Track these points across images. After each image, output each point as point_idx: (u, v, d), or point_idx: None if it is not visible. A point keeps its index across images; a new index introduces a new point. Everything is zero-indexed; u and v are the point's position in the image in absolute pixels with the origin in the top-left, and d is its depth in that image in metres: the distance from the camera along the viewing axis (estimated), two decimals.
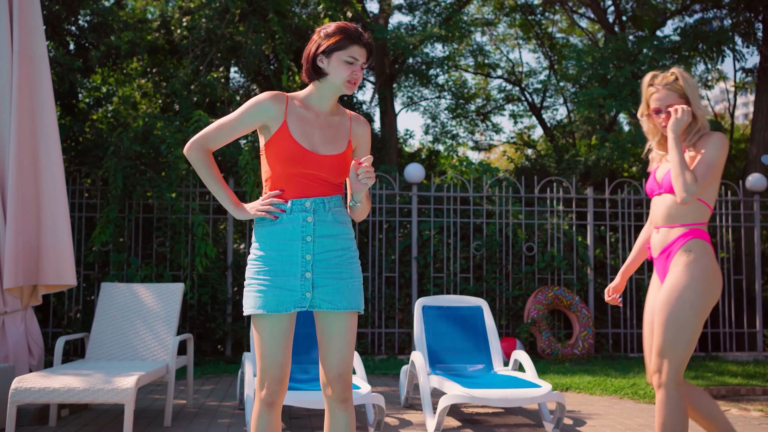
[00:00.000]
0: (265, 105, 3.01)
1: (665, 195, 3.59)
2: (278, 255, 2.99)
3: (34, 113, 6.04)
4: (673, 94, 3.57)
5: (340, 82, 3.01)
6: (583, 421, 5.78)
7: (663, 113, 3.58)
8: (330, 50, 2.99)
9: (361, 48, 3.01)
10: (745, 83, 16.39)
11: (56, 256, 5.94)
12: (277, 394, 2.96)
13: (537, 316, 9.77)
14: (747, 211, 10.97)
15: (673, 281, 3.48)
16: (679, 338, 3.42)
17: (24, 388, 4.69)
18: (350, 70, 3.00)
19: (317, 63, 3.02)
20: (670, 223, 3.56)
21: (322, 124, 3.07)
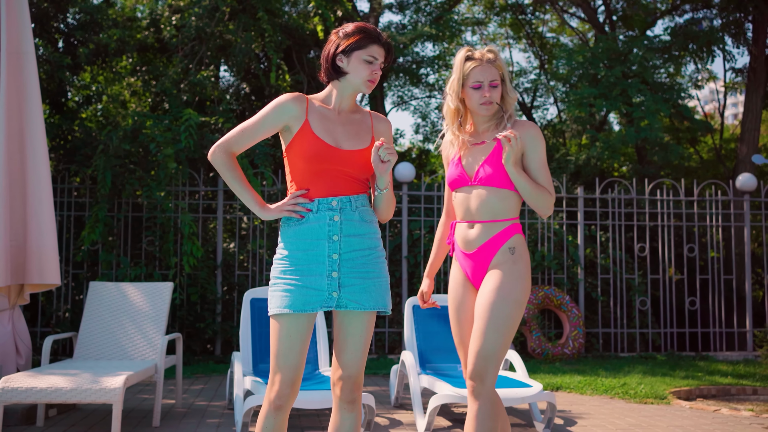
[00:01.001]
0: (287, 105, 3.03)
1: (481, 188, 3.33)
2: (305, 255, 2.99)
3: (22, 111, 5.99)
4: (494, 71, 3.34)
5: (360, 81, 3.04)
6: (573, 421, 5.77)
7: (484, 89, 3.32)
8: (350, 50, 3.02)
9: (380, 47, 3.05)
10: (734, 83, 16.42)
11: (40, 255, 5.89)
12: (287, 398, 2.94)
13: (527, 315, 9.76)
14: (737, 211, 10.98)
15: (500, 280, 3.24)
16: (505, 341, 3.19)
17: (11, 388, 4.65)
18: (370, 70, 3.03)
19: (337, 62, 3.06)
20: (491, 218, 3.31)
21: (344, 121, 3.10)
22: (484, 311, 3.20)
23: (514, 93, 3.40)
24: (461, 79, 3.35)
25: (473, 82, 3.32)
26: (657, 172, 13.96)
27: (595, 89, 12.48)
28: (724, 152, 16.54)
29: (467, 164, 3.39)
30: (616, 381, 7.63)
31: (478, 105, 3.34)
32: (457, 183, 3.40)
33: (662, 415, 6.06)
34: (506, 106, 3.40)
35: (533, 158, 3.33)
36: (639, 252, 10.85)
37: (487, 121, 3.42)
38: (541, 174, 3.33)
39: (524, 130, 3.33)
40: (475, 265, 3.35)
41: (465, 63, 3.35)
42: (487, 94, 3.32)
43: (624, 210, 10.69)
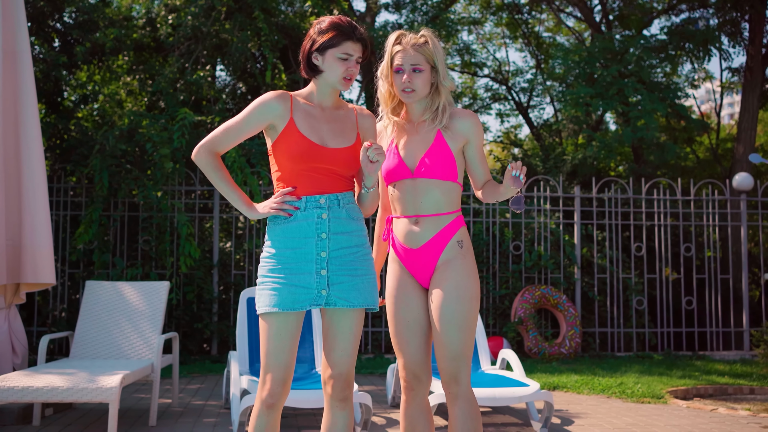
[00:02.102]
0: (271, 104, 3.00)
1: (424, 181, 3.19)
2: (293, 253, 2.97)
3: (17, 110, 5.98)
4: (419, 56, 3.17)
5: (336, 79, 2.99)
6: (570, 420, 5.77)
7: (405, 73, 3.16)
8: (323, 47, 2.97)
9: (355, 43, 2.98)
10: (731, 83, 16.44)
11: (34, 255, 5.88)
12: (279, 396, 2.92)
13: (524, 315, 9.76)
14: (734, 211, 10.99)
15: (455, 278, 3.15)
16: (470, 338, 3.14)
17: (7, 388, 4.63)
18: (344, 67, 2.97)
19: (312, 60, 3.01)
20: (436, 212, 3.19)
21: (329, 118, 3.06)
22: (445, 312, 3.12)
23: (450, 82, 3.24)
24: (389, 62, 3.21)
25: (395, 66, 3.19)
26: (653, 171, 13.98)
27: (591, 89, 12.48)
28: (720, 152, 16.55)
29: (406, 155, 3.22)
30: (613, 380, 7.62)
31: (399, 91, 3.20)
32: (396, 175, 3.23)
33: (659, 415, 6.05)
34: (441, 95, 3.23)
35: (475, 148, 3.25)
36: (636, 251, 10.85)
37: (422, 111, 3.25)
38: (483, 164, 3.27)
39: (465, 119, 3.23)
40: (421, 261, 3.22)
41: (393, 47, 3.21)
42: (407, 81, 3.16)
43: (621, 209, 10.70)
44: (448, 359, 3.12)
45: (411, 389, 3.23)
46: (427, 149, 3.18)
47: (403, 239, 3.24)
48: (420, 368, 3.21)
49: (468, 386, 3.13)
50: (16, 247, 5.91)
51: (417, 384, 3.22)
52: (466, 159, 3.27)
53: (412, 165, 3.19)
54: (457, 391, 3.12)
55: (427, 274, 3.23)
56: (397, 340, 3.25)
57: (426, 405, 3.27)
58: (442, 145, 3.18)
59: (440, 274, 3.18)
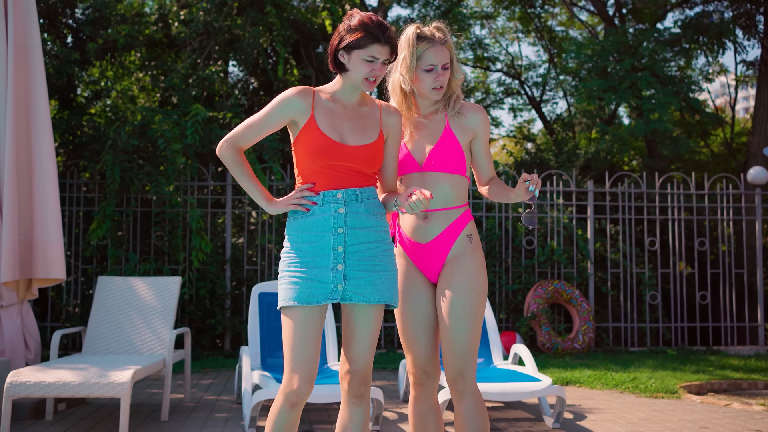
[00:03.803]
0: (292, 101, 2.99)
1: (433, 175, 3.16)
2: (310, 247, 2.97)
3: (29, 105, 5.99)
4: (447, 53, 3.15)
5: (359, 79, 2.96)
6: (583, 416, 5.74)
7: (437, 72, 3.13)
8: (350, 47, 2.93)
9: (382, 46, 2.92)
10: (746, 76, 16.33)
11: (45, 250, 5.89)
12: (304, 394, 2.90)
13: (537, 310, 9.72)
14: (748, 205, 10.91)
15: (465, 272, 3.12)
16: (477, 334, 3.11)
17: (19, 382, 4.65)
18: (369, 68, 2.94)
19: (339, 58, 2.99)
20: (444, 205, 3.15)
21: (351, 114, 3.04)
22: (455, 308, 3.09)
23: (461, 73, 3.23)
24: (414, 60, 3.13)
25: (427, 65, 3.13)
26: (667, 166, 13.89)
27: (604, 81, 12.42)
28: (735, 146, 16.44)
29: (414, 149, 3.21)
30: (626, 375, 7.59)
31: (429, 90, 3.16)
32: (404, 169, 3.20)
33: (673, 410, 6.02)
34: (453, 87, 3.22)
35: (482, 142, 3.23)
36: (649, 246, 10.79)
37: (434, 104, 3.25)
38: (488, 159, 3.25)
39: (474, 113, 3.21)
40: (430, 256, 3.19)
41: (419, 44, 3.14)
42: (440, 78, 3.15)
43: (634, 204, 10.63)
44: (455, 355, 3.09)
45: (421, 385, 3.20)
46: (436, 142, 3.16)
47: (412, 234, 3.21)
48: (429, 364, 3.19)
49: (474, 382, 3.11)
50: (28, 243, 5.93)
51: (426, 380, 3.19)
52: (472, 153, 3.24)
53: (421, 158, 3.17)
54: (464, 387, 3.09)
55: (436, 269, 3.20)
56: (405, 336, 3.22)
57: (435, 401, 3.24)
58: (450, 138, 3.16)
59: (450, 269, 3.14)
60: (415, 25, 3.18)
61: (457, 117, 3.19)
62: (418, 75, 3.14)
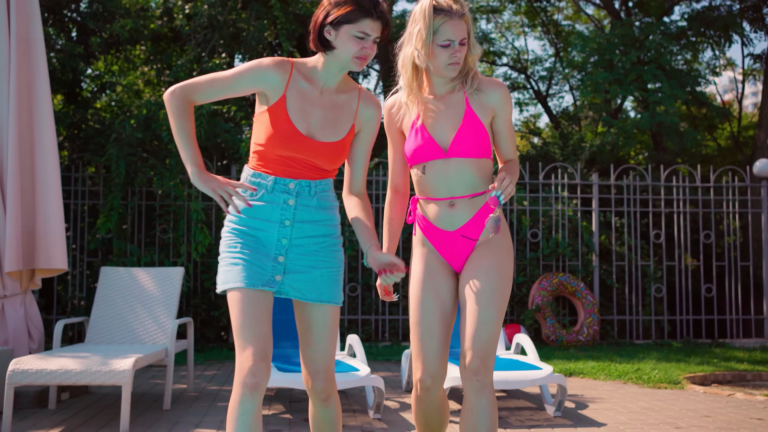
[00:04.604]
0: (268, 72, 2.75)
1: (458, 161, 2.94)
2: (253, 232, 2.78)
3: (31, 97, 6.02)
4: (465, 27, 2.89)
5: (348, 58, 2.72)
6: (585, 405, 5.74)
7: (454, 48, 2.87)
8: (338, 22, 2.68)
9: (374, 21, 2.69)
10: (753, 70, 16.27)
11: (47, 241, 5.92)
12: (263, 374, 2.59)
13: (541, 302, 9.71)
14: (754, 197, 10.87)
15: (496, 255, 2.95)
16: (501, 323, 2.90)
17: (21, 370, 4.67)
18: (360, 46, 2.70)
19: (324, 34, 2.74)
20: (472, 191, 2.94)
21: (325, 103, 2.81)
22: (485, 290, 2.88)
23: (478, 48, 2.97)
24: (431, 34, 2.86)
25: (443, 41, 2.86)
26: (673, 159, 13.86)
27: (609, 74, 12.40)
28: (742, 139, 16.38)
29: (436, 133, 2.96)
30: (629, 366, 7.58)
31: (445, 66, 2.90)
32: (425, 155, 2.96)
33: (675, 399, 6.01)
34: (470, 63, 2.98)
35: (503, 121, 3.01)
36: (654, 239, 10.77)
37: (449, 81, 2.99)
38: (510, 140, 3.03)
39: (494, 90, 2.97)
40: (458, 244, 2.99)
41: (435, 17, 2.86)
42: (457, 54, 2.88)
43: (639, 196, 10.60)
44: (481, 340, 2.84)
45: (426, 390, 2.94)
46: (459, 126, 2.93)
47: (436, 221, 3.00)
48: (440, 367, 2.94)
49: (492, 374, 2.89)
50: (30, 234, 5.95)
51: (433, 384, 2.94)
52: (494, 132, 3.03)
53: (445, 144, 2.94)
54: (485, 379, 2.83)
55: (462, 257, 3.01)
56: (418, 330, 2.97)
57: (442, 395, 3.01)
58: (473, 119, 2.94)
59: (478, 254, 2.96)
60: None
61: (477, 95, 2.96)
62: (433, 50, 2.87)
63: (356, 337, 5.72)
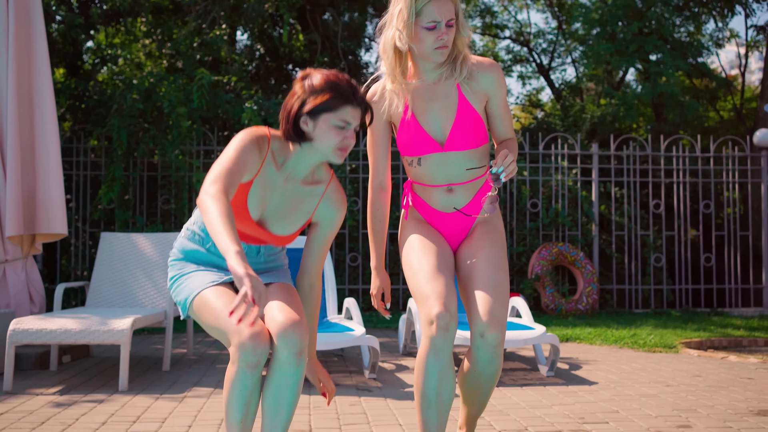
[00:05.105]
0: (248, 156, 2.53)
1: (457, 153, 2.81)
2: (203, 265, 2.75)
3: (30, 65, 6.06)
4: (452, 7, 2.70)
5: (329, 150, 2.55)
6: (579, 366, 5.81)
7: (440, 29, 2.69)
8: (316, 111, 2.51)
9: (355, 109, 2.53)
10: (756, 41, 16.21)
11: (47, 207, 5.99)
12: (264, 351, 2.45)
13: (541, 272, 9.77)
14: (754, 167, 10.88)
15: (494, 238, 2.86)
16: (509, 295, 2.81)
17: (22, 329, 4.76)
18: (341, 136, 2.53)
19: (300, 125, 2.55)
20: (471, 177, 2.85)
21: (287, 192, 2.66)
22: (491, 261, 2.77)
23: (468, 30, 2.79)
24: (413, 16, 2.67)
25: (428, 22, 2.67)
26: (675, 131, 13.86)
27: (611, 45, 12.39)
28: (745, 112, 16.35)
29: (429, 126, 2.82)
30: (626, 332, 7.65)
31: (431, 50, 2.71)
32: (420, 150, 2.83)
33: (669, 362, 6.08)
34: (459, 46, 2.79)
35: (498, 102, 2.85)
36: (654, 209, 10.80)
37: (438, 67, 2.81)
38: (506, 119, 2.88)
39: (487, 73, 2.81)
40: (456, 224, 2.90)
41: None
42: (444, 37, 2.69)
43: (639, 167, 10.63)
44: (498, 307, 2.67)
45: (445, 330, 2.62)
46: (454, 118, 2.79)
47: (436, 205, 2.90)
48: (455, 302, 2.68)
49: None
50: (31, 199, 6.03)
51: (451, 322, 2.63)
52: (488, 115, 2.88)
53: (441, 138, 2.81)
54: (500, 350, 2.67)
55: (460, 235, 2.92)
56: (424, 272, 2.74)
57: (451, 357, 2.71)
58: (468, 110, 2.80)
59: (480, 231, 2.89)
60: None
61: (468, 82, 2.80)
62: (418, 33, 2.69)
63: (353, 300, 5.80)
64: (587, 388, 4.89)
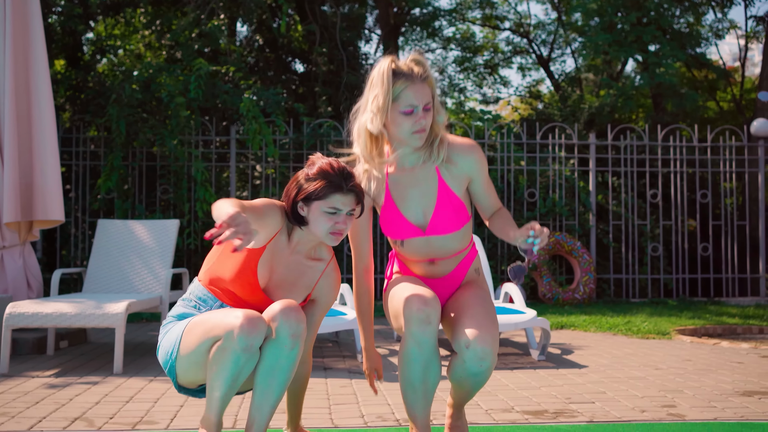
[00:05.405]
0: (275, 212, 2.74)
1: (435, 236, 2.84)
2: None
3: (27, 53, 6.10)
4: (429, 91, 2.72)
5: (322, 234, 2.70)
6: (570, 351, 5.86)
7: (418, 114, 2.70)
8: (309, 198, 2.67)
9: (344, 195, 2.66)
10: (755, 32, 16.21)
11: (44, 194, 6.04)
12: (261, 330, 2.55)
13: (538, 261, 9.81)
14: (751, 157, 10.91)
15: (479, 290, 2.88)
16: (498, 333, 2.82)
17: (17, 313, 4.82)
18: (332, 222, 2.67)
19: (297, 210, 2.72)
20: (453, 253, 2.89)
21: (291, 263, 2.81)
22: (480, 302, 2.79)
23: (444, 113, 2.80)
24: (390, 101, 2.69)
25: (406, 107, 2.68)
26: (673, 122, 13.88)
27: (609, 36, 12.41)
28: (744, 102, 16.36)
29: (411, 214, 2.84)
30: (620, 319, 7.70)
31: (409, 134, 2.72)
32: (404, 233, 2.87)
33: (661, 348, 6.12)
34: (436, 130, 2.80)
35: (480, 182, 2.86)
36: (651, 198, 10.84)
37: (415, 151, 2.82)
38: (491, 194, 2.90)
39: (466, 156, 2.82)
40: (441, 287, 2.93)
41: (396, 83, 2.69)
42: (422, 121, 2.71)
43: (637, 156, 10.66)
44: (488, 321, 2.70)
45: (427, 323, 2.66)
46: (434, 204, 2.81)
47: (420, 273, 2.94)
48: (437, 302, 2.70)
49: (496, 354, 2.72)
50: (28, 187, 6.08)
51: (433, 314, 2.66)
52: (472, 194, 2.89)
53: (423, 224, 2.84)
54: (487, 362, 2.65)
55: (447, 292, 2.95)
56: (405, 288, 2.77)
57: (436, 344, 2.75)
58: (448, 195, 2.81)
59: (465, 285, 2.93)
60: (390, 58, 2.76)
61: (447, 166, 2.81)
62: (395, 118, 2.71)
63: (347, 286, 5.85)
64: (577, 371, 4.94)
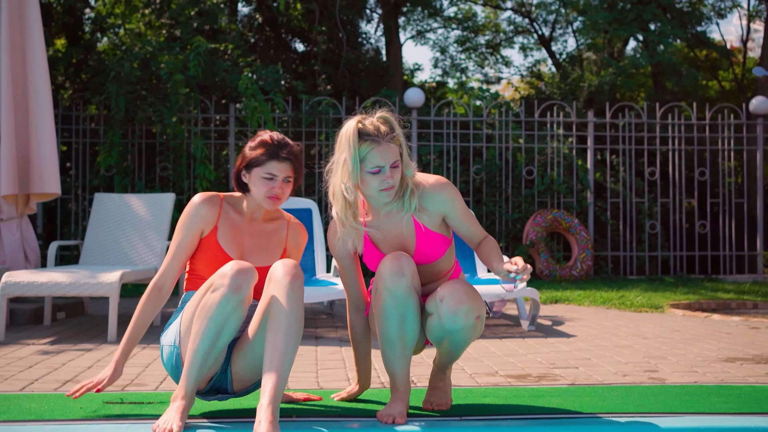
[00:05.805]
0: (200, 209, 2.93)
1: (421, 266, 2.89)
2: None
3: (23, 29, 6.15)
4: (395, 149, 2.75)
5: (260, 198, 2.89)
6: (561, 322, 5.92)
7: (385, 173, 2.72)
8: (249, 165, 2.89)
9: (280, 163, 2.86)
10: (758, 11, 16.17)
11: (41, 167, 6.10)
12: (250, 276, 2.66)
13: (536, 238, 9.86)
14: (750, 135, 10.91)
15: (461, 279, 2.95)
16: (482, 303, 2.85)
17: (13, 282, 4.89)
18: (268, 186, 2.87)
19: (241, 177, 2.94)
20: (440, 275, 2.95)
21: (255, 231, 3.00)
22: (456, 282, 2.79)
23: (413, 166, 2.84)
24: (357, 163, 2.72)
25: (372, 167, 2.72)
26: (673, 100, 13.89)
27: (609, 14, 12.40)
28: (746, 82, 16.34)
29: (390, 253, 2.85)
30: (614, 294, 7.75)
31: (377, 192, 2.76)
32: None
33: (652, 320, 6.18)
34: (406, 182, 2.83)
35: (456, 215, 2.88)
36: (649, 176, 10.86)
37: (388, 204, 2.85)
38: (471, 223, 2.91)
39: (435, 196, 2.84)
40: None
41: (362, 144, 2.72)
42: (389, 180, 2.74)
43: (635, 134, 10.67)
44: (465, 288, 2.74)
45: (401, 275, 2.72)
46: (414, 243, 2.88)
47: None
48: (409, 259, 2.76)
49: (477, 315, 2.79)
50: (25, 160, 6.14)
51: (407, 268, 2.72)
52: (451, 227, 2.93)
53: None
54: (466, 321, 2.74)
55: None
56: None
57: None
58: (426, 233, 2.87)
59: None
60: (356, 119, 2.77)
61: (419, 214, 2.86)
62: (363, 177, 2.74)
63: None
64: (565, 340, 5.00)
